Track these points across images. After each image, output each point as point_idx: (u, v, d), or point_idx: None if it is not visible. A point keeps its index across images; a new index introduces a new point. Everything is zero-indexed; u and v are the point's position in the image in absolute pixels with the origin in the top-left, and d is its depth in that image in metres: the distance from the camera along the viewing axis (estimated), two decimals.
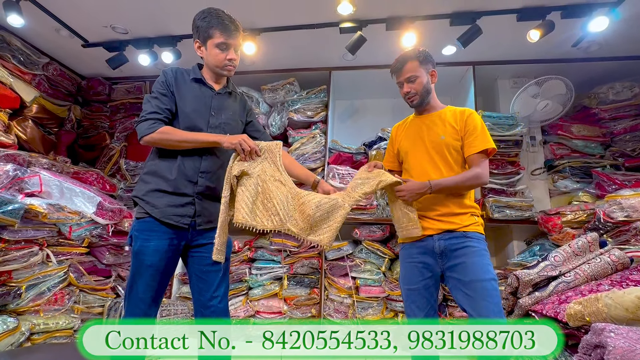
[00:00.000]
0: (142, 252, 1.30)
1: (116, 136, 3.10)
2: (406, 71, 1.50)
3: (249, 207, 1.32)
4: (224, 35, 1.37)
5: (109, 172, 3.01)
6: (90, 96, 3.17)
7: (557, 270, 1.47)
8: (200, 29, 1.40)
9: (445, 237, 1.39)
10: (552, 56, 2.59)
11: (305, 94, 2.90)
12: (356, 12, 2.19)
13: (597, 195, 2.28)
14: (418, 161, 1.50)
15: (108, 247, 2.53)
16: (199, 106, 1.42)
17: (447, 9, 2.20)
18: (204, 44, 1.41)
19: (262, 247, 2.72)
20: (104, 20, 2.37)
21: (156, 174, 1.37)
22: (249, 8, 2.22)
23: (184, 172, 1.37)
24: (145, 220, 1.33)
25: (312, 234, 1.33)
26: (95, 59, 2.79)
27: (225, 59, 1.39)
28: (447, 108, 1.54)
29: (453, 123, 1.48)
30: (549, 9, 2.10)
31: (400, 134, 1.63)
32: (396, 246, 2.55)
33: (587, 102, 2.69)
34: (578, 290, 1.35)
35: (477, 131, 1.43)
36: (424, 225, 1.43)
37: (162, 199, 1.34)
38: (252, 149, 1.32)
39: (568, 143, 2.60)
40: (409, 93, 1.51)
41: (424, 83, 1.50)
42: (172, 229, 1.34)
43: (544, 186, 2.67)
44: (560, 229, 2.08)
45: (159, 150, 1.40)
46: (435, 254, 1.40)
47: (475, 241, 1.37)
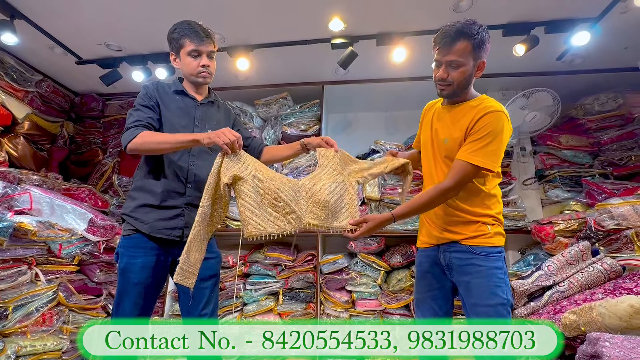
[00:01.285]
0: (129, 269, 1.29)
1: (109, 152, 3.09)
2: (453, 52, 1.17)
3: (258, 215, 1.17)
4: (194, 42, 1.39)
5: (101, 188, 2.98)
6: (84, 112, 3.17)
7: (551, 280, 1.48)
8: (173, 41, 1.43)
9: (450, 248, 1.25)
10: (538, 69, 2.67)
11: (299, 108, 2.94)
12: (347, 29, 2.25)
13: (587, 204, 2.31)
14: (426, 163, 1.36)
15: (99, 264, 2.49)
16: (183, 117, 1.42)
17: (435, 25, 2.26)
18: (178, 55, 1.44)
19: (256, 261, 2.69)
20: (98, 38, 2.39)
21: (143, 189, 1.36)
22: (243, 25, 2.27)
23: (171, 184, 1.36)
24: (132, 237, 1.31)
25: (336, 221, 1.25)
26: (89, 76, 2.81)
27: (198, 65, 1.41)
28: (476, 99, 1.26)
29: (466, 118, 1.22)
30: (533, 25, 2.18)
31: (426, 120, 1.42)
32: (392, 258, 2.54)
33: (574, 113, 2.76)
34: (572, 300, 1.35)
35: (479, 136, 1.16)
36: (429, 231, 1.29)
37: (151, 214, 1.33)
38: (236, 137, 1.19)
39: (557, 153, 2.65)
40: (444, 80, 1.21)
41: (467, 74, 1.20)
42: (160, 245, 1.33)
43: (536, 196, 2.70)
44: (553, 238, 2.10)
45: (145, 165, 1.40)
46: (442, 266, 1.28)
47: (482, 259, 1.17)
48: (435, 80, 1.25)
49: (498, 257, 1.19)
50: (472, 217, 1.22)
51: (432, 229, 1.29)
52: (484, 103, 1.23)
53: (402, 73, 2.73)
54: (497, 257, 1.19)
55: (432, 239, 1.29)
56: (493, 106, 1.20)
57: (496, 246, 1.20)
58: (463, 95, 1.27)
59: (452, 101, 1.30)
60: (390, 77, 2.80)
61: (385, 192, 2.62)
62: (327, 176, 1.32)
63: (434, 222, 1.29)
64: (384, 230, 2.56)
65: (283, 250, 2.67)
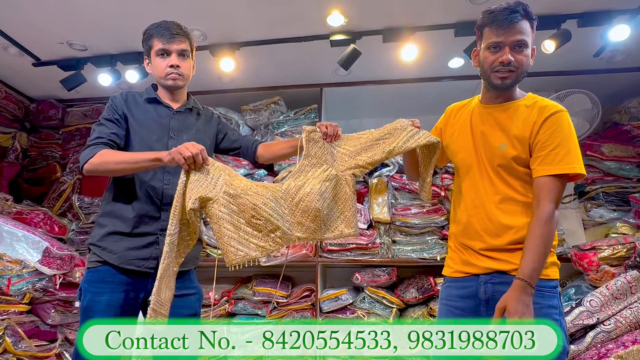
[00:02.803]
0: (92, 308, 1.30)
1: (69, 168, 3.13)
2: (518, 30, 1.18)
3: (237, 239, 1.18)
4: (161, 40, 1.45)
5: (58, 211, 3.00)
6: (40, 121, 3.23)
7: (594, 318, 1.49)
8: (144, 43, 1.51)
9: (495, 279, 1.21)
10: (572, 67, 2.74)
11: (293, 114, 3.00)
12: (348, 24, 2.33)
13: (637, 225, 2.33)
14: (470, 176, 1.31)
15: (54, 303, 2.48)
16: (156, 128, 1.46)
17: (451, 19, 2.34)
18: (149, 58, 1.51)
19: (243, 298, 2.69)
20: (60, 36, 2.47)
21: (112, 215, 1.39)
22: (227, 20, 2.34)
23: (144, 208, 1.39)
24: (98, 270, 1.33)
25: (328, 231, 1.25)
26: (48, 79, 2.88)
27: (166, 66, 1.45)
28: (526, 98, 1.28)
29: (526, 121, 1.21)
30: (564, 17, 2.25)
31: (457, 125, 1.39)
32: (406, 293, 2.54)
33: (617, 118, 2.81)
34: (620, 342, 1.36)
35: (557, 142, 1.16)
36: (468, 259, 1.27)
37: (121, 243, 1.35)
38: (197, 151, 1.19)
39: (599, 165, 2.68)
40: (509, 65, 1.20)
41: (528, 59, 1.22)
42: (130, 278, 1.34)
43: (576, 216, 2.72)
44: (598, 267, 2.11)
45: (114, 186, 1.43)
46: (481, 300, 1.24)
47: (537, 294, 1.13)
48: (491, 67, 1.23)
49: (554, 294, 1.18)
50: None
51: (470, 257, 1.27)
52: (542, 102, 1.25)
53: (413, 73, 2.80)
54: (552, 293, 1.18)
55: (471, 267, 1.26)
56: (556, 105, 1.22)
57: (552, 279, 1.18)
58: (513, 89, 1.28)
59: (500, 99, 1.29)
60: (398, 78, 2.87)
61: (396, 213, 2.64)
62: (315, 173, 1.30)
63: (472, 248, 1.27)
64: (396, 259, 2.57)
65: (275, 284, 2.66)
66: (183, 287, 1.39)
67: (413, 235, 2.62)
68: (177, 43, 1.47)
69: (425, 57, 2.55)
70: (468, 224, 1.28)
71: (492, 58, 1.22)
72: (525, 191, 1.23)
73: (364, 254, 2.59)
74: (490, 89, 1.30)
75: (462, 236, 1.31)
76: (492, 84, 1.26)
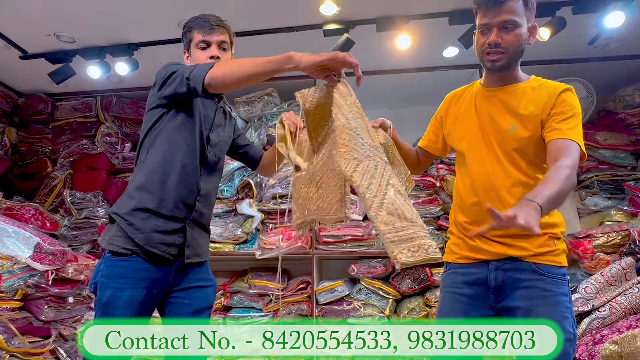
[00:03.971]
0: (113, 304, 1.24)
1: (60, 163, 3.10)
2: (505, 10, 1.18)
3: None
4: (201, 32, 1.44)
5: (50, 207, 2.98)
6: (29, 116, 3.19)
7: (589, 305, 1.50)
8: (184, 37, 1.50)
9: (507, 266, 1.20)
10: (568, 55, 2.74)
11: (287, 106, 2.98)
12: (341, 12, 2.31)
13: (631, 213, 2.35)
14: (478, 161, 1.28)
15: (47, 299, 2.47)
16: (206, 117, 1.43)
17: (445, 7, 2.32)
18: (189, 51, 1.49)
19: (239, 291, 2.69)
20: (47, 28, 2.43)
21: (145, 189, 1.30)
22: (217, 10, 2.26)
23: (181, 192, 1.32)
24: (121, 263, 1.26)
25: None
26: (36, 73, 2.83)
27: (206, 58, 1.43)
28: (532, 80, 1.28)
29: (535, 101, 1.21)
30: (559, 4, 2.25)
31: (457, 109, 1.38)
32: (402, 283, 2.55)
33: (612, 106, 2.82)
34: (615, 327, 1.37)
35: (568, 115, 1.17)
36: (477, 245, 1.24)
37: (148, 221, 1.27)
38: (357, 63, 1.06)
39: (594, 154, 2.69)
40: (497, 46, 1.20)
41: (522, 39, 1.21)
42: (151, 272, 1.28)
43: (572, 205, 2.73)
44: (592, 255, 2.12)
45: (152, 160, 1.34)
46: (489, 287, 1.22)
47: (550, 281, 1.15)
48: (482, 49, 1.24)
49: (564, 281, 1.17)
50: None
51: (480, 243, 1.24)
52: (548, 83, 1.25)
53: (408, 63, 2.78)
54: (563, 280, 1.17)
55: (480, 253, 1.24)
56: (564, 84, 1.22)
57: (563, 266, 1.18)
58: (514, 71, 1.27)
59: (502, 81, 1.27)
60: (394, 68, 2.86)
61: None
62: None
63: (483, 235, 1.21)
64: None
65: (271, 277, 2.67)
66: (201, 279, 1.38)
67: None
68: (217, 34, 1.45)
69: (419, 46, 2.54)
70: (479, 210, 1.24)
71: (483, 40, 1.22)
72: (534, 175, 1.22)
73: (359, 246, 2.59)
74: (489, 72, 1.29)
75: (471, 223, 1.28)
76: (486, 66, 1.26)
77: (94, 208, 2.93)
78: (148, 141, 1.36)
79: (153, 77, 1.50)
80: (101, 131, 3.08)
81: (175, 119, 1.36)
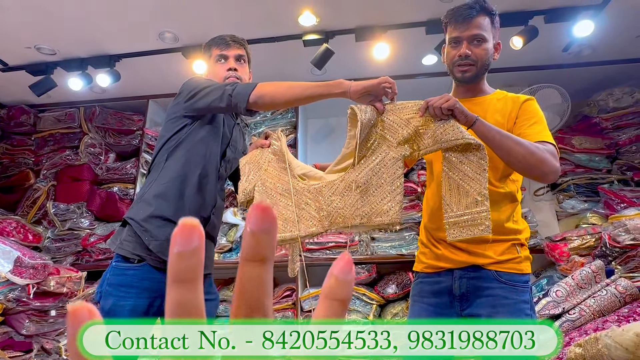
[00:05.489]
0: (115, 312, 1.24)
1: (43, 174, 3.08)
2: (474, 25, 1.26)
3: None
4: (219, 47, 1.50)
5: (33, 219, 2.96)
6: (11, 128, 3.17)
7: (560, 308, 1.54)
8: (204, 56, 1.57)
9: (470, 274, 1.22)
10: (543, 62, 2.80)
11: (271, 115, 3.00)
12: (320, 23, 2.35)
13: (606, 215, 2.40)
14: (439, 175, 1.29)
15: (28, 313, 2.45)
16: (224, 133, 1.46)
17: (422, 17, 2.37)
18: (208, 67, 1.56)
19: (224, 300, 2.69)
20: (27, 41, 2.43)
21: (163, 197, 1.31)
22: (198, 21, 2.34)
23: (198, 203, 1.34)
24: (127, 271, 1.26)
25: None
26: (17, 85, 2.83)
27: (225, 70, 1.47)
28: (496, 93, 1.34)
29: (501, 111, 1.26)
30: (531, 14, 2.31)
31: None
32: (386, 288, 2.58)
33: (587, 111, 2.89)
34: (583, 330, 1.41)
35: (535, 119, 1.23)
36: (442, 253, 1.26)
37: (163, 229, 1.28)
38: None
39: (570, 157, 2.76)
40: (467, 58, 1.26)
41: (489, 53, 1.28)
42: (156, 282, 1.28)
43: (550, 208, 2.79)
44: (568, 257, 2.18)
45: (173, 170, 1.35)
46: (455, 296, 1.25)
47: (510, 289, 1.17)
48: (452, 61, 1.30)
49: (525, 289, 1.20)
50: (502, 236, 1.19)
51: (445, 250, 1.27)
52: (512, 94, 1.32)
53: (386, 71, 2.83)
54: (524, 288, 1.19)
55: (446, 261, 1.26)
56: (525, 95, 1.30)
57: (524, 274, 1.20)
58: (480, 83, 1.33)
59: (470, 93, 1.33)
60: (373, 75, 2.85)
61: None
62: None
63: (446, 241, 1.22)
64: (375, 256, 2.60)
65: None
66: (206, 292, 1.38)
67: (391, 232, 2.65)
68: (234, 49, 1.50)
69: (398, 54, 2.59)
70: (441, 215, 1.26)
71: (453, 52, 1.29)
72: (500, 183, 1.25)
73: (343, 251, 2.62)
74: (459, 84, 1.36)
75: (437, 230, 1.30)
76: (456, 78, 1.33)
77: (78, 219, 2.91)
78: (167, 149, 1.39)
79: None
80: (85, 142, 3.08)
81: (198, 131, 1.40)
